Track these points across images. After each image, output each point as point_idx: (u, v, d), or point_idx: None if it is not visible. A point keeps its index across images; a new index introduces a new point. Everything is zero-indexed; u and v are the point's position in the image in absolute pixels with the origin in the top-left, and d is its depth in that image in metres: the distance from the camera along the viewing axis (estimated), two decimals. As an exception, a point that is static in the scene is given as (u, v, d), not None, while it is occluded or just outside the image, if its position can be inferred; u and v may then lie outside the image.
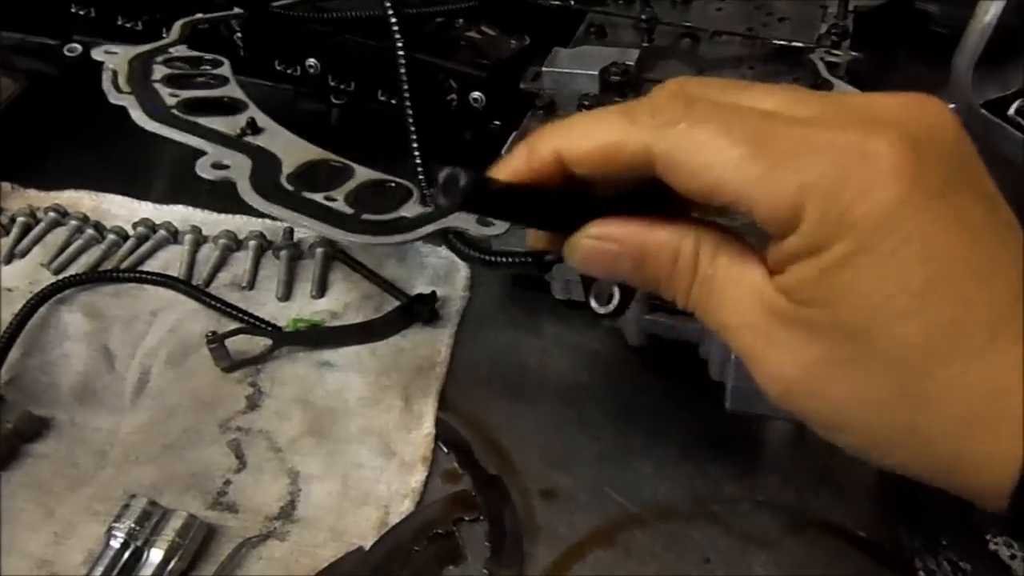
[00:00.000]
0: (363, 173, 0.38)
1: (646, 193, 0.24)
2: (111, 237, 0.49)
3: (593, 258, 0.24)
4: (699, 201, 0.22)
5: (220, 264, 0.48)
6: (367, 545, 0.35)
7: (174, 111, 0.40)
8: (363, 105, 0.52)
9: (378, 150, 0.44)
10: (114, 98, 0.40)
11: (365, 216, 0.35)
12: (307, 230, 0.40)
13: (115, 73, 0.42)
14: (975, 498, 0.20)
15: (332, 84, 0.52)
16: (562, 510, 0.37)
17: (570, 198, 0.24)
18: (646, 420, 0.40)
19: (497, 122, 0.50)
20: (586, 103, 0.45)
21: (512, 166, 0.24)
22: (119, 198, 0.52)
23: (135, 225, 0.50)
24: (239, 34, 0.53)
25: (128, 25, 0.56)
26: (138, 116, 0.39)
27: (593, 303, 0.30)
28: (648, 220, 0.24)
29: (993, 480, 0.19)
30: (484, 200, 0.22)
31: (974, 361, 0.19)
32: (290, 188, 0.36)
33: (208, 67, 0.45)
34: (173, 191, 0.53)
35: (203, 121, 0.39)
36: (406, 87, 0.41)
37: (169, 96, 0.41)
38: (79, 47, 0.55)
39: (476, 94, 0.49)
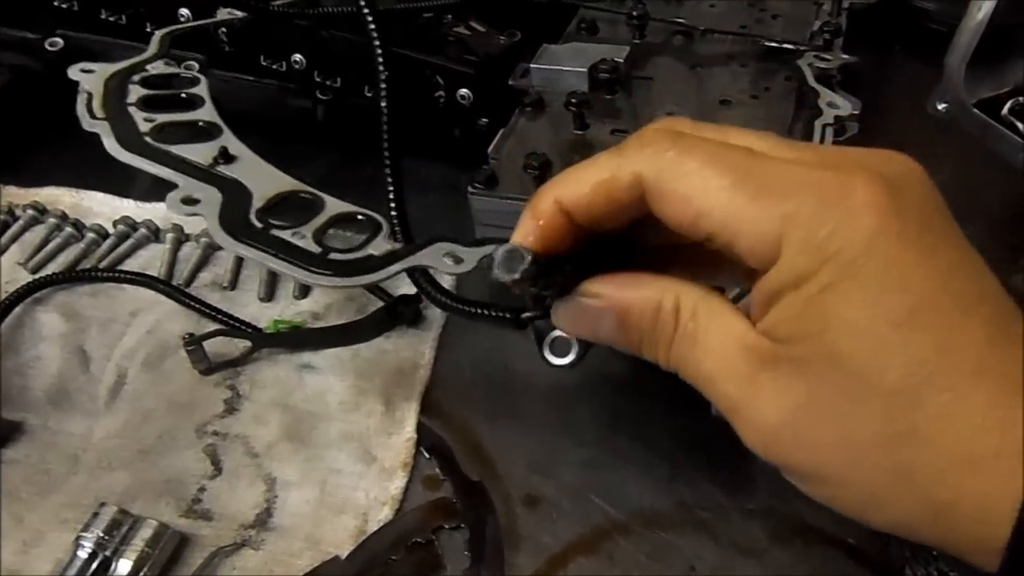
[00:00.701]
0: (333, 205, 0.38)
1: (635, 251, 0.24)
2: (90, 235, 0.48)
3: (579, 318, 0.25)
4: (686, 232, 0.22)
5: (201, 263, 0.47)
6: (344, 554, 0.34)
7: (147, 138, 0.40)
8: (349, 101, 0.51)
9: (363, 147, 0.43)
10: (87, 124, 0.40)
11: (333, 255, 0.35)
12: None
13: (90, 96, 0.41)
14: (969, 550, 0.20)
15: (318, 80, 0.51)
16: (545, 517, 0.36)
17: (569, 262, 0.24)
18: (633, 426, 0.39)
19: (485, 119, 0.49)
20: (574, 100, 0.44)
21: (524, 229, 0.24)
22: (100, 195, 0.51)
23: (115, 223, 0.49)
24: (223, 29, 0.52)
25: (112, 19, 0.55)
26: (111, 145, 0.39)
27: (548, 355, 0.30)
28: (635, 277, 0.24)
29: (989, 524, 0.19)
30: (540, 274, 0.23)
31: (963, 394, 0.19)
32: (259, 225, 0.36)
33: (185, 84, 0.45)
34: (155, 188, 0.51)
35: (176, 150, 0.39)
36: (386, 129, 0.41)
37: (143, 121, 0.41)
38: (61, 41, 0.54)
39: (463, 91, 0.48)
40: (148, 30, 0.53)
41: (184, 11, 0.52)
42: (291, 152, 0.55)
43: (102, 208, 0.50)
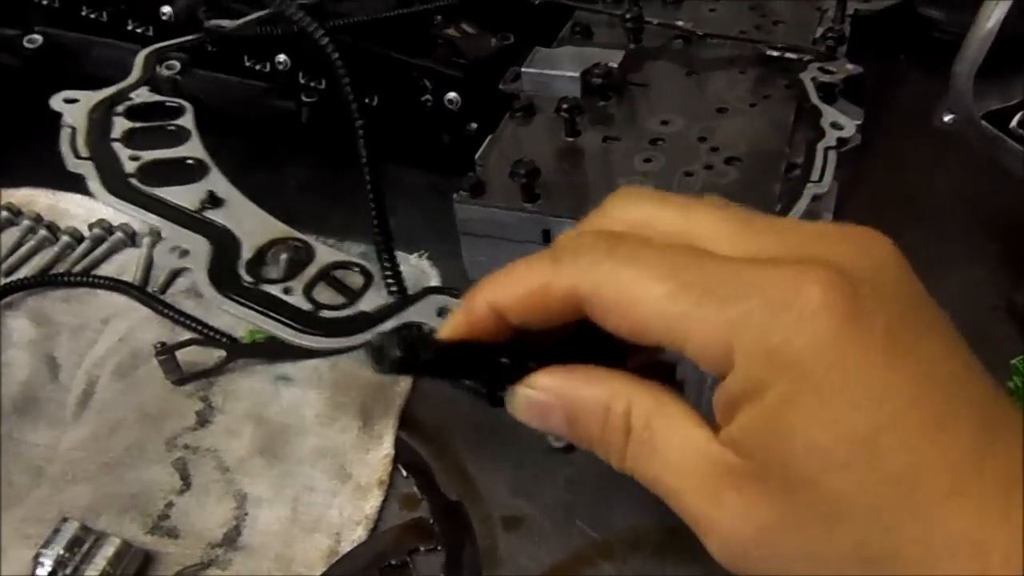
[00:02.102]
0: (324, 254, 0.37)
1: (593, 340, 0.23)
2: (65, 239, 0.47)
3: (528, 410, 0.23)
4: (633, 340, 0.21)
5: (178, 270, 0.46)
6: (315, 576, 0.33)
7: (132, 180, 0.38)
8: (334, 104, 0.50)
9: (348, 151, 0.42)
10: (72, 165, 0.39)
11: (324, 313, 0.34)
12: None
13: (73, 132, 0.40)
14: None
15: (303, 82, 0.50)
16: (526, 540, 0.35)
17: (512, 349, 0.23)
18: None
19: (474, 124, 0.47)
20: (565, 106, 0.43)
21: (453, 325, 0.23)
22: (77, 197, 0.50)
23: (91, 226, 0.48)
24: (207, 42, 0.51)
25: (92, 16, 0.53)
26: (96, 189, 0.38)
27: (551, 440, 0.28)
28: (584, 373, 0.22)
29: None
30: (416, 364, 0.22)
31: (938, 518, 0.17)
32: (248, 279, 0.35)
33: (170, 115, 0.44)
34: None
35: (162, 193, 0.38)
36: (365, 157, 0.39)
37: (128, 160, 0.39)
38: (40, 38, 0.53)
39: (452, 95, 0.47)
40: (129, 28, 0.52)
41: (166, 9, 0.51)
42: (275, 155, 0.55)
43: (78, 210, 0.49)
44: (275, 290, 0.35)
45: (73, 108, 0.41)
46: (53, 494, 0.36)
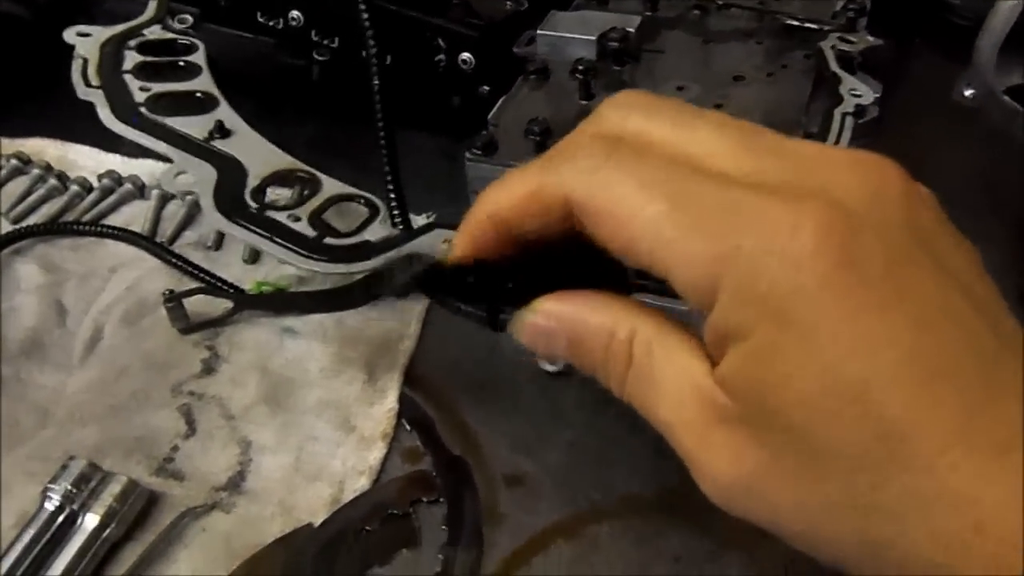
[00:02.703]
0: (330, 186, 0.37)
1: (597, 266, 0.22)
2: (74, 188, 0.47)
3: (533, 335, 0.23)
4: (622, 258, 0.20)
5: (186, 222, 0.46)
6: (317, 522, 0.33)
7: (143, 109, 0.39)
8: (347, 62, 0.49)
9: (359, 111, 0.41)
10: (82, 93, 0.39)
11: (328, 240, 0.34)
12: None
13: (85, 62, 0.40)
14: None
15: (315, 39, 0.50)
16: (527, 497, 0.35)
17: (516, 274, 0.23)
18: (622, 407, 0.37)
19: (487, 87, 0.47)
20: (580, 68, 0.43)
21: (458, 244, 0.23)
22: (86, 148, 0.50)
23: (100, 177, 0.48)
24: (223, -15, 0.50)
25: (106, -34, 0.53)
26: (105, 116, 0.38)
27: (541, 361, 0.28)
28: (590, 299, 0.22)
29: None
30: (423, 287, 0.22)
31: (931, 472, 0.17)
32: (253, 205, 0.35)
33: (183, 51, 0.43)
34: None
35: (171, 123, 0.38)
36: (379, 103, 0.39)
37: (139, 91, 0.40)
38: (53, -12, 0.53)
39: (466, 55, 0.46)
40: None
41: (181, -40, 0.50)
42: (285, 113, 0.54)
43: (87, 161, 0.49)
44: (280, 216, 0.35)
45: (85, 41, 0.41)
46: (60, 435, 0.36)
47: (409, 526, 0.33)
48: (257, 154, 0.38)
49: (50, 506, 0.32)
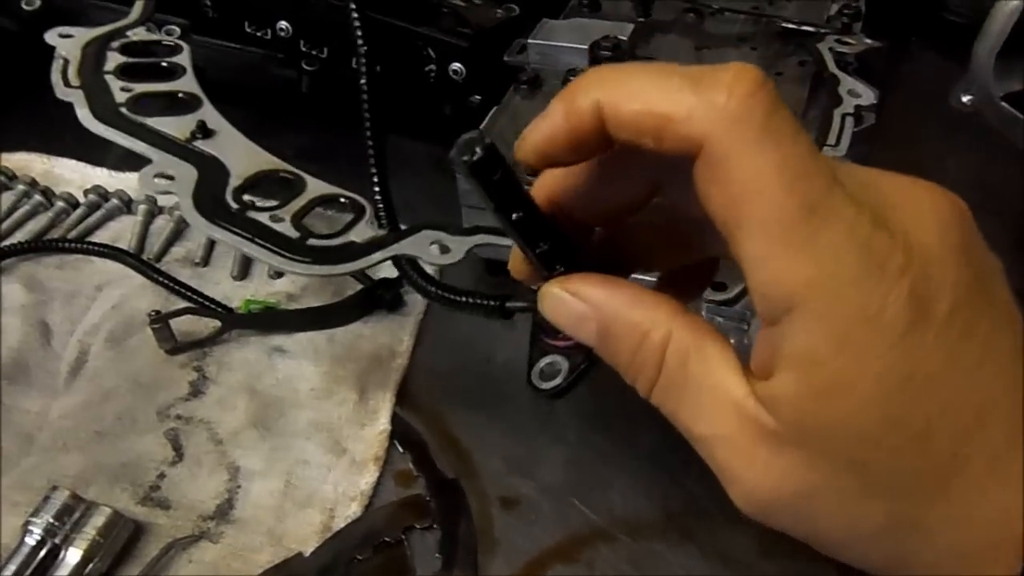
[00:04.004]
0: (314, 187, 0.36)
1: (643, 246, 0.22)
2: (59, 204, 0.46)
3: (561, 312, 0.22)
4: (693, 211, 0.19)
5: (174, 237, 0.45)
6: (307, 551, 0.32)
7: (122, 109, 0.37)
8: (336, 72, 0.49)
9: (348, 121, 0.41)
10: (61, 93, 0.38)
11: (311, 241, 0.33)
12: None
13: (66, 62, 0.39)
14: None
15: (304, 49, 0.49)
16: (522, 520, 0.34)
17: (560, 235, 0.22)
18: (620, 426, 0.37)
19: (478, 96, 0.46)
20: (572, 78, 0.42)
21: (549, 122, 0.20)
22: (72, 162, 0.49)
23: (86, 192, 0.47)
24: (208, -9, 0.50)
25: (91, -22, 0.52)
26: (84, 116, 0.37)
27: (535, 379, 0.28)
28: (630, 293, 0.21)
29: None
30: (492, 171, 0.20)
31: (974, 494, 0.18)
32: (235, 206, 0.34)
33: (166, 52, 0.42)
34: (129, 158, 0.48)
35: (151, 123, 0.37)
36: (366, 102, 0.38)
37: (120, 91, 0.39)
38: (38, 1, 0.51)
39: (456, 65, 0.45)
40: (129, -11, 0.51)
41: (166, -29, 0.49)
42: (273, 123, 0.53)
43: (73, 176, 0.48)
44: (263, 217, 0.33)
45: (67, 42, 0.41)
46: (43, 462, 0.35)
47: (402, 554, 0.33)
48: (240, 154, 0.36)
49: (31, 540, 0.31)
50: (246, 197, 0.35)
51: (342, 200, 0.36)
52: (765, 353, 0.19)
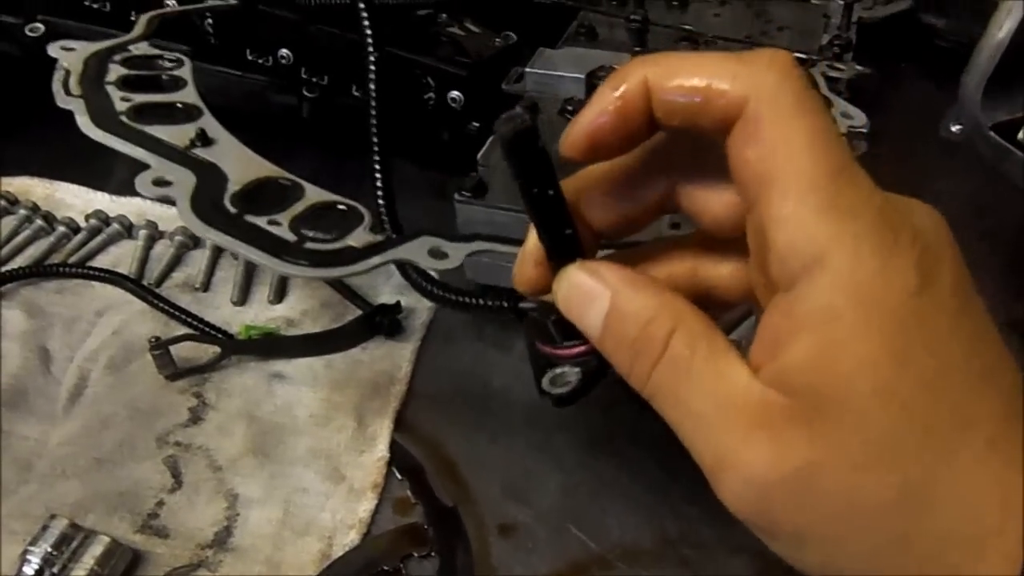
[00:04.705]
0: (313, 193, 0.36)
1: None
2: (60, 229, 0.47)
3: (577, 291, 0.23)
4: (735, 187, 0.21)
5: (174, 263, 0.45)
6: (306, 580, 0.33)
7: (122, 118, 0.38)
8: (336, 100, 0.49)
9: (349, 147, 0.41)
10: (61, 101, 0.38)
11: (309, 245, 0.33)
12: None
13: (67, 73, 0.40)
14: None
15: (305, 76, 0.50)
16: (520, 548, 0.34)
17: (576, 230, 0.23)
18: (618, 452, 0.38)
19: (476, 124, 0.47)
20: (570, 108, 0.42)
21: (598, 106, 0.22)
22: (74, 187, 0.49)
23: (87, 217, 0.47)
24: (210, 20, 0.50)
25: (95, 6, 0.53)
26: (83, 123, 0.37)
27: (545, 383, 0.28)
28: (644, 280, 0.22)
29: None
30: (531, 149, 0.21)
31: (972, 470, 0.19)
32: (233, 210, 0.34)
33: (168, 67, 0.43)
34: (131, 182, 0.49)
35: (151, 130, 0.37)
36: (374, 105, 0.39)
37: (120, 100, 0.39)
38: (42, 27, 0.52)
39: (454, 93, 0.46)
40: (132, 18, 0.51)
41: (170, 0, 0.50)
42: (274, 149, 0.54)
43: (75, 200, 0.48)
44: (260, 221, 0.33)
45: (69, 54, 0.41)
46: (42, 490, 0.35)
47: (400, 582, 0.33)
48: (238, 162, 0.36)
49: (29, 570, 0.31)
50: (244, 203, 0.35)
51: (340, 207, 0.36)
52: (776, 329, 0.20)
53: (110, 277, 0.43)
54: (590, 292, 0.22)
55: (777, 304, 0.20)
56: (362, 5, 0.41)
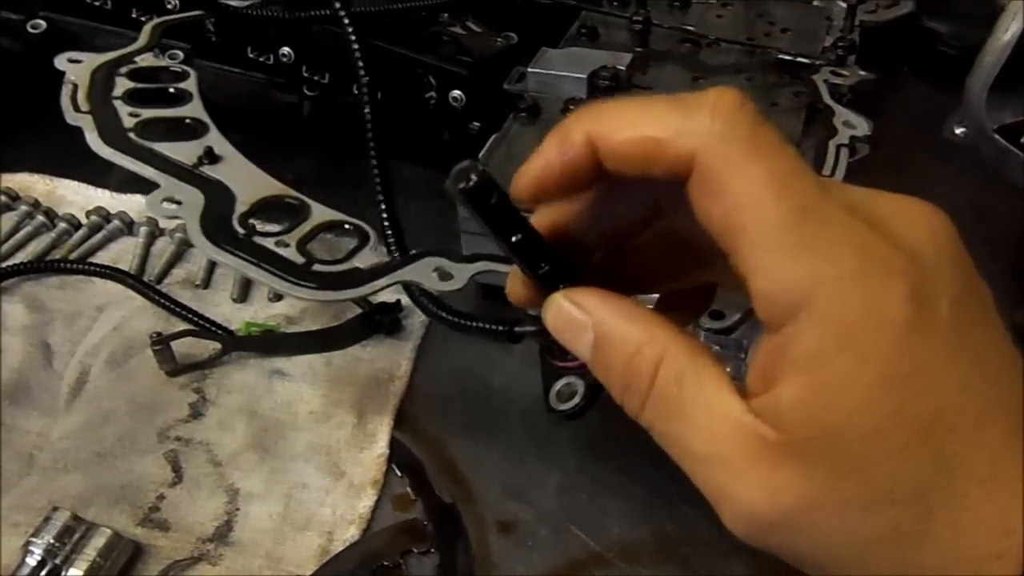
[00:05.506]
0: (320, 213, 0.36)
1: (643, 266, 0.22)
2: (62, 225, 0.47)
3: (562, 321, 0.22)
4: (700, 236, 0.20)
5: (175, 259, 0.46)
6: (305, 574, 0.33)
7: (131, 135, 0.38)
8: (337, 98, 0.49)
9: (350, 146, 0.41)
10: (71, 118, 0.39)
11: (316, 267, 0.33)
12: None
13: (75, 88, 0.40)
14: None
15: (306, 75, 0.50)
16: (519, 545, 0.35)
17: (560, 256, 0.23)
18: (617, 451, 0.38)
19: (477, 123, 0.47)
20: (572, 107, 0.43)
21: (544, 157, 0.21)
22: (75, 184, 0.49)
23: (88, 213, 0.47)
24: (212, 19, 0.50)
25: (97, 4, 0.53)
26: (93, 140, 0.38)
27: (552, 402, 0.28)
28: (629, 308, 0.21)
29: None
30: (488, 197, 0.20)
31: (974, 502, 0.18)
32: (241, 231, 0.34)
33: (174, 79, 0.43)
34: (132, 179, 0.49)
35: (159, 148, 0.38)
36: (370, 129, 0.39)
37: (128, 116, 0.39)
38: (43, 24, 0.52)
39: (456, 93, 0.46)
40: (134, 16, 0.52)
41: (172, -2, 0.50)
42: (275, 148, 0.54)
43: (76, 197, 0.49)
44: (268, 242, 0.34)
45: (76, 67, 0.41)
46: (44, 483, 0.35)
47: (399, 577, 0.33)
48: (246, 180, 0.37)
49: (32, 561, 0.31)
50: (252, 222, 0.35)
51: (347, 226, 0.37)
52: (767, 363, 0.19)
53: (111, 273, 0.44)
54: (575, 323, 0.22)
55: (767, 342, 0.19)
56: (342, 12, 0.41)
